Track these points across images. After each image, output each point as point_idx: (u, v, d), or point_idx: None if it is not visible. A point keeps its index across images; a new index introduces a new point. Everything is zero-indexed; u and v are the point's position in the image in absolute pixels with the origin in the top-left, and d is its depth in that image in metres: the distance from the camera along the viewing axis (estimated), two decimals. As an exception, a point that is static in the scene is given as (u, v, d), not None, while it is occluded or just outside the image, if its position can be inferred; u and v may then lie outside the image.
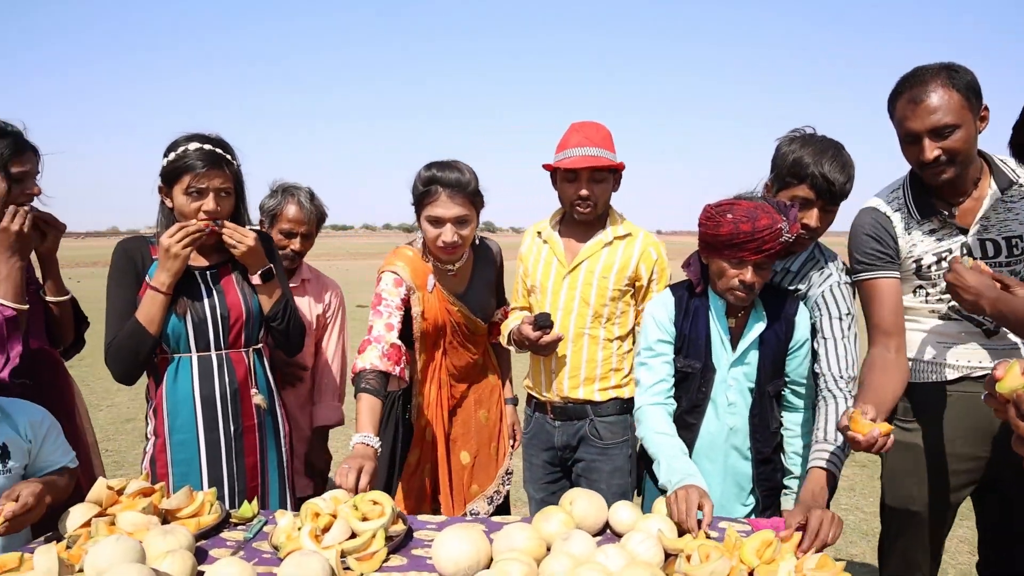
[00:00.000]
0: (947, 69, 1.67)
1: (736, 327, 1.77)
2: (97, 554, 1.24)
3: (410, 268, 2.10)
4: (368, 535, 1.45)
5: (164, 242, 1.80)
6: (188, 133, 1.90)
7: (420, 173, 2.06)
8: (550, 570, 1.28)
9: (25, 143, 1.96)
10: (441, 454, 2.17)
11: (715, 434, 1.79)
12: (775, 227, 1.59)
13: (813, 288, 1.84)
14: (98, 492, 1.59)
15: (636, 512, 1.56)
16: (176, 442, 1.90)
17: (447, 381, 2.18)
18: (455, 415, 2.22)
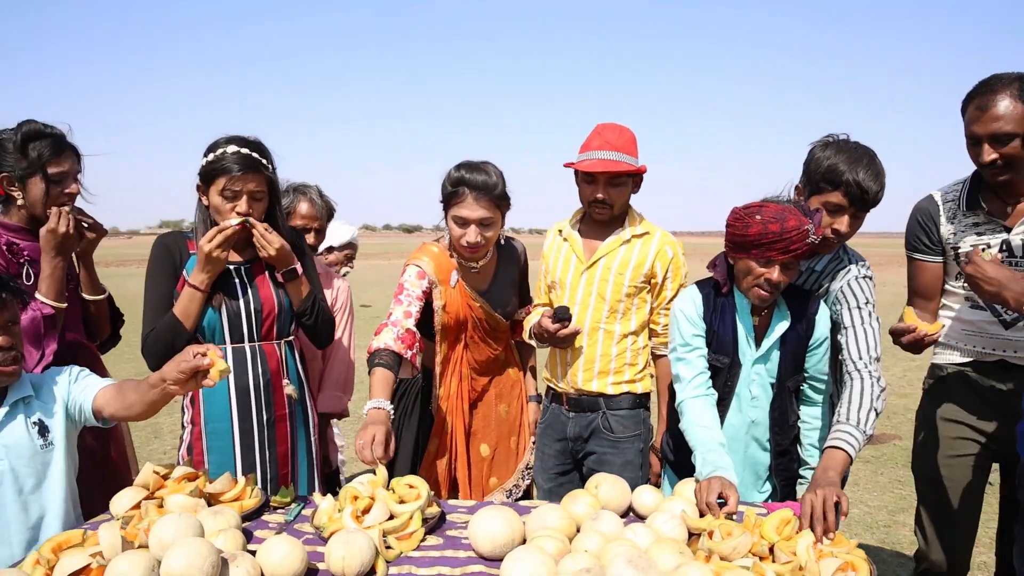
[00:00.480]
0: (1020, 80, 1.78)
1: (760, 325, 1.84)
2: (162, 529, 1.32)
3: (434, 263, 2.17)
4: (406, 516, 1.53)
5: (203, 246, 1.87)
6: (228, 135, 1.96)
7: (450, 173, 2.12)
8: (582, 546, 1.36)
9: (65, 144, 2.03)
10: (460, 445, 2.23)
11: (737, 427, 1.87)
12: (802, 228, 1.66)
13: (835, 283, 1.91)
14: (145, 477, 1.67)
15: (659, 495, 1.64)
16: (211, 431, 1.97)
17: (468, 375, 2.25)
18: (476, 408, 2.28)
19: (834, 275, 1.93)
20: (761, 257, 1.70)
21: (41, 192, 1.98)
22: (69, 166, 2.03)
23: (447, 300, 2.17)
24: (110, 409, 1.61)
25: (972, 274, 1.72)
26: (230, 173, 1.90)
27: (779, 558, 1.33)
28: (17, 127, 1.99)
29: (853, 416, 1.67)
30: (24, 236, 2.02)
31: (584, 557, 1.29)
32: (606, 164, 2.06)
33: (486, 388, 2.31)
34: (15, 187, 1.97)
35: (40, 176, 1.97)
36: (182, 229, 2.10)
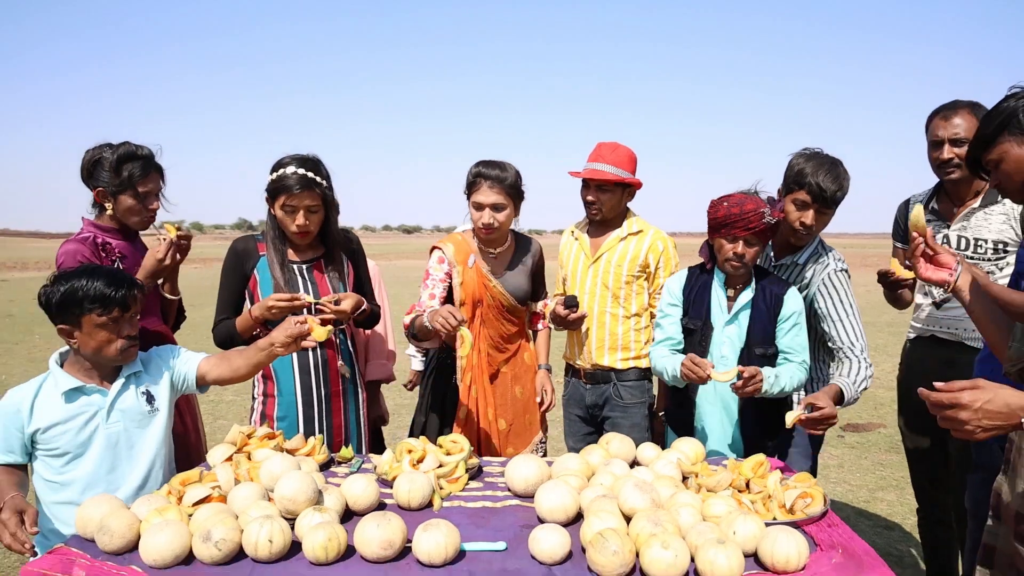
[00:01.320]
0: (973, 105, 2.29)
1: (733, 296, 2.24)
2: (271, 465, 1.68)
3: (454, 247, 2.57)
4: (453, 464, 1.88)
5: (269, 303, 2.19)
6: (291, 155, 2.30)
7: (471, 169, 2.53)
8: (598, 481, 1.71)
9: (152, 165, 2.35)
10: (483, 414, 2.59)
11: (719, 365, 2.20)
12: (759, 210, 2.08)
13: (816, 275, 2.30)
14: (233, 435, 2.01)
15: (658, 450, 2.00)
16: (280, 402, 2.33)
17: (485, 350, 2.59)
18: (494, 384, 2.62)
19: (814, 267, 2.31)
20: (728, 235, 2.11)
21: (129, 207, 2.32)
22: (153, 185, 2.34)
23: (464, 279, 2.54)
24: (214, 374, 1.96)
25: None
26: (290, 191, 2.23)
27: (753, 489, 1.68)
28: (114, 148, 2.31)
29: (850, 378, 2.11)
30: (115, 236, 2.36)
31: (600, 487, 1.64)
32: (595, 173, 2.50)
33: (502, 368, 2.64)
34: (108, 200, 2.32)
35: (130, 193, 2.29)
36: (254, 233, 2.45)
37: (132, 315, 1.85)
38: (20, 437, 1.78)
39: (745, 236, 2.10)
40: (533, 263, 2.70)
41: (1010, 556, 1.41)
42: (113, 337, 1.79)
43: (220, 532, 1.41)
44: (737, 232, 2.10)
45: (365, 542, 1.42)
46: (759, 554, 1.40)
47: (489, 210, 2.46)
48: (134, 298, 1.83)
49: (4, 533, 1.55)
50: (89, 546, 1.48)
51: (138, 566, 1.40)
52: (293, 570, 1.41)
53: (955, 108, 2.30)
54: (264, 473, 1.69)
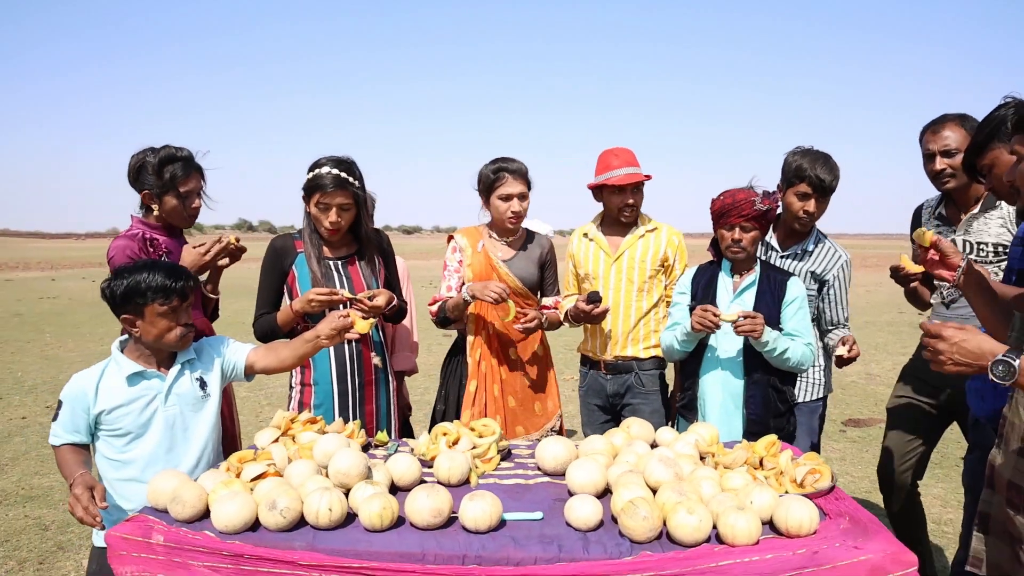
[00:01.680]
0: (961, 116, 2.45)
1: (739, 282, 2.44)
2: (324, 443, 1.82)
3: (466, 235, 2.83)
4: (486, 446, 2.02)
5: (309, 296, 2.34)
6: (328, 156, 2.44)
7: (487, 167, 2.75)
8: (623, 459, 1.85)
9: (192, 165, 2.50)
10: (490, 390, 2.78)
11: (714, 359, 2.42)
12: (749, 199, 2.29)
13: (830, 262, 2.67)
14: (278, 419, 2.15)
15: (675, 433, 2.14)
16: (317, 391, 2.47)
17: (494, 332, 2.80)
18: (504, 367, 2.81)
19: (822, 253, 2.69)
20: (726, 224, 2.33)
21: (173, 206, 2.46)
22: (194, 185, 2.49)
23: (473, 262, 2.77)
24: (261, 364, 2.10)
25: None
26: (324, 190, 2.38)
27: (766, 466, 1.82)
28: (156, 151, 2.46)
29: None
30: (162, 233, 2.50)
31: (626, 464, 1.79)
32: (632, 177, 2.65)
33: (512, 350, 2.82)
34: (154, 202, 2.46)
35: (172, 194, 2.44)
36: (291, 231, 2.59)
37: (188, 305, 1.99)
38: (86, 418, 1.91)
39: (739, 223, 2.32)
40: (541, 253, 2.88)
41: (1003, 522, 1.55)
42: (173, 325, 1.93)
43: (284, 501, 1.55)
44: (732, 220, 2.33)
45: (416, 511, 1.56)
46: (774, 520, 1.54)
47: (516, 199, 2.69)
48: (191, 289, 1.97)
49: (77, 507, 1.69)
50: (162, 515, 1.62)
51: (210, 531, 1.54)
52: (351, 536, 1.55)
53: (943, 122, 2.46)
54: (318, 451, 1.83)
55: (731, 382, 2.38)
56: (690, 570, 1.42)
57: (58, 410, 1.92)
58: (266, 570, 1.48)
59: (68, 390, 1.92)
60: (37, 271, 26.70)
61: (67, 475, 1.83)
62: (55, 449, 1.92)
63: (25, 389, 6.78)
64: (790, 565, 1.43)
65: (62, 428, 1.91)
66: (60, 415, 1.91)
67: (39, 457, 4.75)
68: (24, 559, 3.25)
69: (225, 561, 1.50)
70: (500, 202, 2.70)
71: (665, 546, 1.49)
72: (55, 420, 1.92)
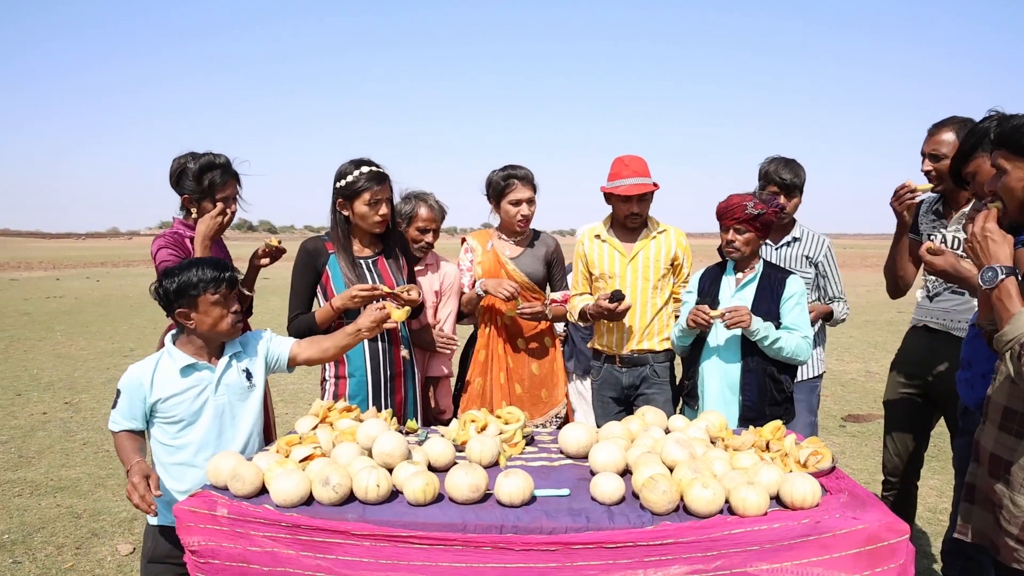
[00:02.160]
0: (963, 122, 2.54)
1: (740, 279, 2.65)
2: (368, 427, 1.98)
3: (477, 237, 3.10)
4: (512, 431, 2.18)
5: (352, 292, 2.49)
6: (353, 159, 2.60)
7: (496, 173, 3.00)
8: (641, 443, 2.01)
9: (229, 171, 2.64)
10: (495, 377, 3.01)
11: (715, 347, 2.62)
12: (741, 204, 2.52)
13: (818, 245, 3.09)
14: (316, 408, 2.30)
15: (687, 420, 2.30)
16: (352, 383, 2.63)
17: (503, 324, 3.04)
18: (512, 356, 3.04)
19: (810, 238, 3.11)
20: (723, 226, 2.54)
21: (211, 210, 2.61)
22: (231, 191, 2.63)
23: (483, 260, 3.04)
24: (304, 355, 2.25)
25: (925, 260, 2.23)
26: (371, 188, 2.53)
27: (772, 449, 1.98)
28: (196, 157, 2.60)
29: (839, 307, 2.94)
30: None
31: (644, 446, 1.94)
32: (638, 187, 2.83)
33: (519, 342, 3.05)
34: (194, 206, 2.61)
35: (210, 200, 2.59)
36: (320, 234, 2.74)
37: (235, 294, 2.13)
38: (142, 407, 2.06)
39: (733, 225, 2.53)
40: (547, 252, 3.11)
41: (986, 491, 1.71)
42: (225, 312, 2.07)
43: (336, 478, 1.71)
44: (728, 223, 2.56)
45: (455, 486, 1.72)
46: (780, 495, 1.70)
47: (526, 204, 2.95)
48: (235, 279, 2.13)
49: (134, 494, 1.83)
50: (222, 492, 1.78)
51: (268, 505, 1.70)
52: (396, 510, 1.71)
53: (945, 125, 2.58)
54: (361, 435, 1.99)
55: (728, 371, 2.56)
56: (705, 538, 1.59)
57: (117, 399, 2.06)
58: (321, 539, 1.64)
59: (126, 380, 2.07)
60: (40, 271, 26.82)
61: (125, 460, 1.98)
62: (114, 435, 2.07)
63: (43, 386, 6.93)
64: (795, 533, 1.59)
65: (121, 415, 2.06)
66: (119, 403, 2.05)
67: (63, 450, 4.91)
68: (61, 544, 3.40)
69: (284, 532, 1.65)
70: (510, 207, 2.96)
71: (683, 517, 1.65)
72: (114, 408, 2.06)
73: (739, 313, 2.44)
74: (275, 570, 1.66)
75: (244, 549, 1.67)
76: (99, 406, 6.17)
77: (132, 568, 3.16)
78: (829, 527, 1.60)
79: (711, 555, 1.58)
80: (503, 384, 3.01)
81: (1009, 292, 1.58)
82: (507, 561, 1.59)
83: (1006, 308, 1.58)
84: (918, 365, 2.76)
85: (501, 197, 2.98)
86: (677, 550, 1.58)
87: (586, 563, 1.58)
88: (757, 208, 2.48)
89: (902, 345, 2.92)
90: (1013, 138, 1.60)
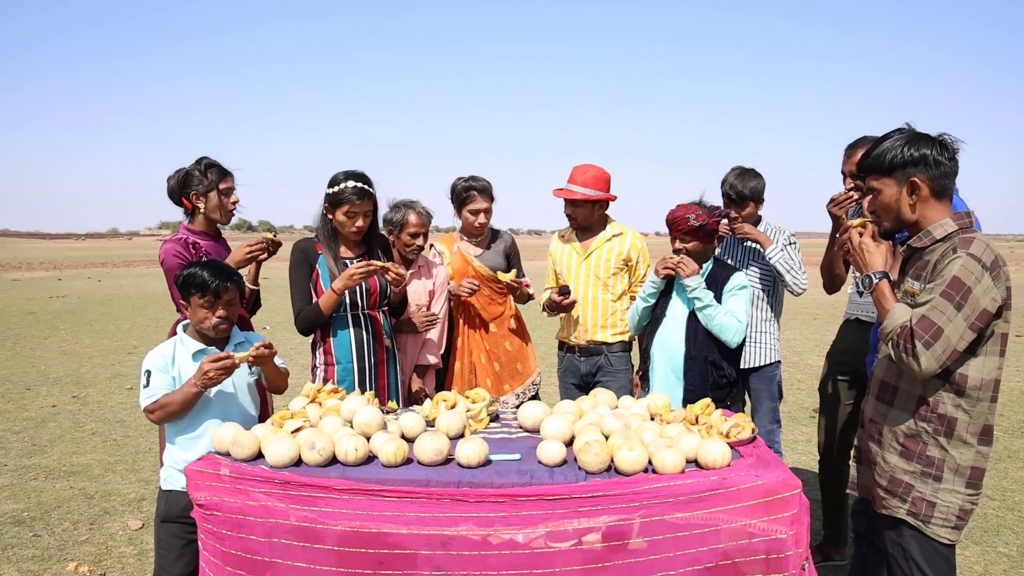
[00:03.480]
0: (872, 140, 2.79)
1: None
2: (350, 402, 2.29)
3: (444, 241, 3.52)
4: (478, 409, 2.48)
5: (351, 271, 2.78)
6: (346, 171, 2.89)
7: (458, 184, 3.38)
8: (587, 418, 2.32)
9: (226, 170, 2.99)
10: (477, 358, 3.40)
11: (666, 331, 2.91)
12: (685, 216, 2.79)
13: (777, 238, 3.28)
14: (307, 389, 2.61)
15: (633, 400, 2.60)
16: (339, 368, 2.93)
17: (476, 310, 3.44)
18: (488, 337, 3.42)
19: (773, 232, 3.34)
20: (671, 235, 2.83)
21: (216, 202, 2.93)
22: (231, 183, 2.99)
23: (451, 260, 3.43)
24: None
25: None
26: (351, 202, 2.83)
27: (700, 422, 2.29)
28: (197, 161, 2.94)
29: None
30: (203, 237, 2.96)
31: (590, 420, 2.26)
32: (566, 193, 3.21)
33: (493, 324, 3.44)
34: (200, 200, 2.93)
35: (215, 191, 2.93)
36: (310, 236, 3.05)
37: (226, 301, 2.34)
38: (170, 380, 2.31)
39: (678, 235, 2.82)
40: (505, 247, 3.53)
41: (867, 452, 2.03)
42: (208, 315, 2.31)
43: (321, 443, 2.01)
44: (674, 233, 2.85)
45: (422, 450, 2.03)
46: (698, 458, 2.01)
47: (483, 213, 3.36)
48: (226, 289, 2.32)
49: (213, 365, 2.18)
50: (224, 457, 2.09)
51: (264, 466, 2.01)
52: (372, 470, 2.01)
53: (858, 145, 2.88)
54: (344, 408, 2.30)
55: (673, 358, 2.86)
56: (630, 491, 1.89)
57: (148, 378, 2.29)
58: (308, 494, 1.94)
59: (152, 361, 2.31)
60: (41, 271, 27.13)
61: (184, 391, 2.22)
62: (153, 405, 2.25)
63: (51, 381, 7.24)
64: (705, 487, 1.90)
65: (156, 388, 2.26)
66: (152, 382, 2.28)
67: (74, 439, 5.22)
68: (76, 520, 3.71)
69: (276, 488, 1.96)
70: (469, 215, 3.39)
71: (612, 476, 1.95)
72: (146, 387, 2.28)
73: (686, 262, 2.78)
74: (268, 520, 1.96)
75: (243, 503, 1.97)
76: (105, 399, 6.48)
77: (142, 541, 3.47)
78: (734, 483, 1.91)
79: (634, 506, 1.89)
80: (484, 364, 3.41)
81: (884, 293, 1.91)
82: (463, 511, 1.90)
83: (883, 306, 1.91)
84: (850, 354, 3.07)
85: (462, 206, 3.40)
86: (606, 501, 1.89)
87: (529, 512, 1.89)
88: (699, 220, 2.77)
89: (836, 337, 3.23)
90: (877, 161, 1.91)
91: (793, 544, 1.91)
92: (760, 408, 3.36)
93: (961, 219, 1.88)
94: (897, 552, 1.97)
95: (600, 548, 1.88)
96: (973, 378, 1.83)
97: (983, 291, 1.75)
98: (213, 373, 2.20)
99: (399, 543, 1.90)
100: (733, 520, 1.89)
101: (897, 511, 1.94)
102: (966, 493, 1.89)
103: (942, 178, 1.87)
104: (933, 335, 1.74)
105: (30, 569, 3.19)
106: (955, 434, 1.87)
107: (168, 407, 2.23)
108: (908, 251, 1.95)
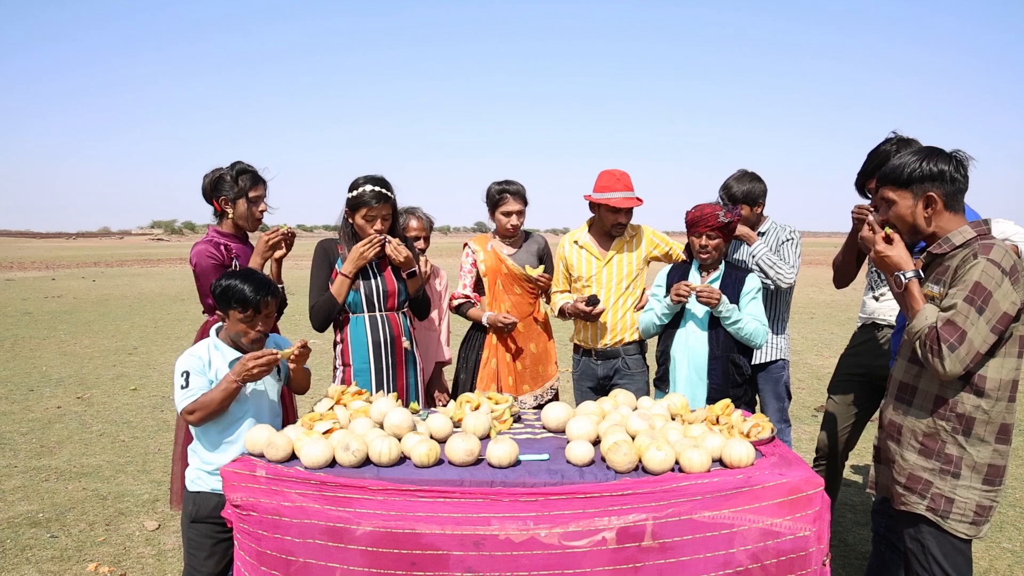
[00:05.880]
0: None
1: (705, 278, 2.98)
2: (379, 404, 2.33)
3: (478, 242, 3.54)
4: (501, 410, 2.53)
5: (358, 249, 2.85)
6: (366, 175, 2.94)
7: (493, 187, 3.43)
8: (611, 419, 2.37)
9: (259, 177, 3.01)
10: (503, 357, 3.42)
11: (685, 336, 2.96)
12: (714, 213, 2.84)
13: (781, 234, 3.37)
14: (332, 391, 2.65)
15: (652, 400, 2.66)
16: (356, 369, 2.97)
17: (505, 309, 3.46)
18: (514, 338, 3.45)
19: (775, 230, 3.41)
20: (694, 232, 2.87)
21: (244, 209, 2.96)
22: (262, 192, 3.01)
23: (485, 259, 3.47)
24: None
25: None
26: (369, 205, 2.89)
27: (721, 422, 2.34)
28: (231, 166, 2.97)
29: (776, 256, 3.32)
30: (232, 240, 2.99)
31: (613, 420, 2.30)
32: (629, 202, 3.21)
33: (522, 325, 3.47)
34: (229, 206, 2.96)
35: (244, 199, 2.95)
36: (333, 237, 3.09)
37: (265, 315, 2.36)
38: (207, 384, 2.33)
39: (707, 232, 2.86)
40: (539, 248, 3.58)
41: (885, 451, 2.09)
42: (248, 330, 2.33)
43: (355, 444, 2.06)
44: (701, 229, 2.87)
45: (454, 451, 2.07)
46: (722, 457, 2.06)
47: (516, 215, 3.38)
48: (267, 303, 2.34)
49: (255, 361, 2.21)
50: (258, 459, 2.12)
51: (299, 467, 2.05)
52: (405, 471, 2.06)
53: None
54: (374, 410, 2.34)
55: (697, 359, 2.91)
56: (659, 489, 1.94)
57: (187, 379, 2.28)
58: (343, 495, 1.98)
59: (188, 363, 2.31)
60: (34, 271, 26.94)
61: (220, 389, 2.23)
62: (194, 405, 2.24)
63: (54, 382, 7.23)
64: (731, 485, 1.96)
65: (195, 389, 2.26)
66: (191, 382, 2.28)
67: (82, 440, 5.23)
68: (92, 521, 3.73)
69: (312, 488, 2.00)
70: (503, 217, 3.44)
71: (640, 475, 2.01)
72: (185, 388, 2.28)
73: (712, 292, 2.79)
74: (303, 521, 2.00)
75: (278, 504, 2.01)
76: (110, 400, 6.49)
77: (159, 542, 3.49)
78: (759, 481, 1.96)
79: (663, 504, 1.94)
80: (509, 363, 3.45)
81: (913, 293, 1.96)
82: (497, 511, 1.94)
83: (911, 306, 1.96)
84: (865, 356, 3.11)
85: (496, 208, 3.45)
86: (635, 500, 1.94)
87: (560, 512, 1.94)
88: (727, 217, 2.85)
89: (851, 341, 3.26)
90: (895, 174, 1.97)
91: (815, 541, 1.97)
92: (767, 408, 3.42)
93: (979, 226, 1.95)
94: (916, 547, 2.03)
95: (631, 548, 1.93)
96: (991, 379, 1.89)
97: (1003, 295, 1.81)
98: (257, 369, 2.24)
99: (432, 543, 1.95)
100: (759, 519, 1.95)
101: (916, 507, 2.00)
102: (983, 489, 1.95)
103: (956, 194, 1.95)
104: (958, 339, 1.80)
105: (51, 570, 3.21)
106: (973, 433, 1.93)
107: (209, 405, 2.24)
108: (928, 258, 2.01)
